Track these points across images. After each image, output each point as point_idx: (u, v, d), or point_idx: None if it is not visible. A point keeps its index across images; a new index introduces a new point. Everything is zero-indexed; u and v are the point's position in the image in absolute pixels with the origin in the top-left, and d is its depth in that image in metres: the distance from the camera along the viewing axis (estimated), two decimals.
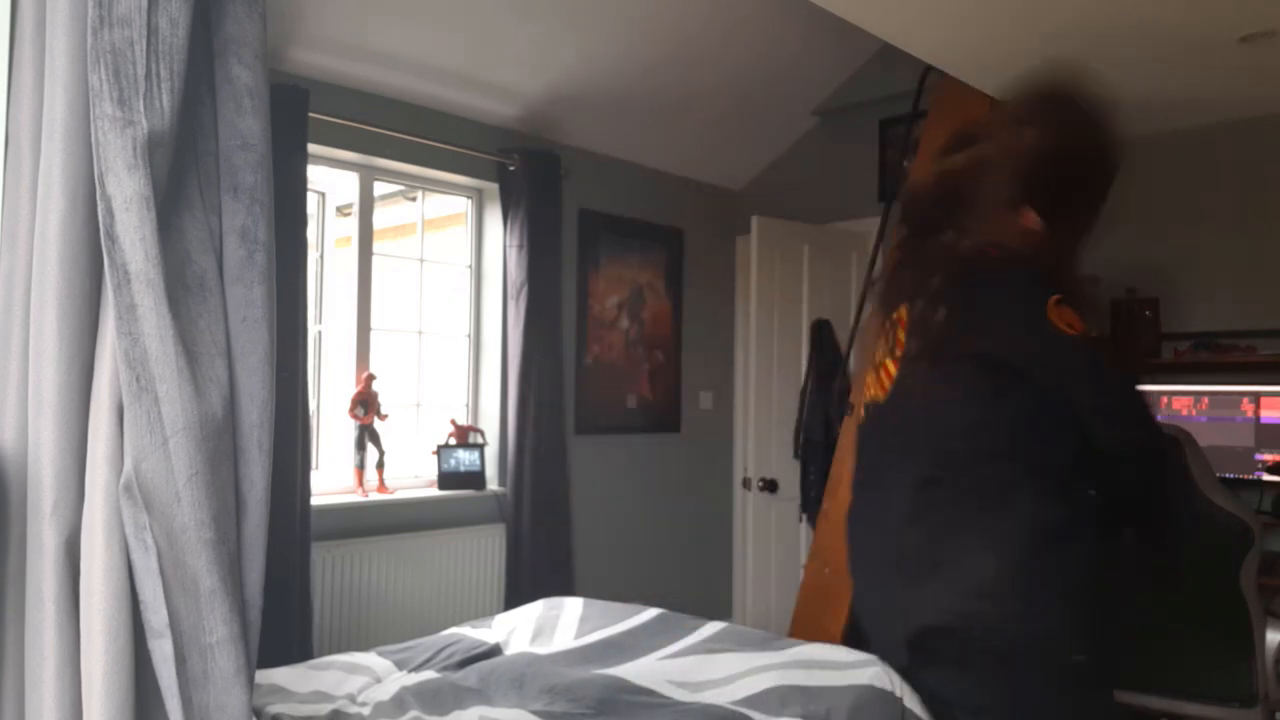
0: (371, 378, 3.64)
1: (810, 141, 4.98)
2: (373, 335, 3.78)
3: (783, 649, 2.66)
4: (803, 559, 4.42)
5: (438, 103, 3.80)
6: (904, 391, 1.78)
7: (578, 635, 2.82)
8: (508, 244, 4.03)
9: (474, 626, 2.95)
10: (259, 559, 1.20)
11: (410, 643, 2.77)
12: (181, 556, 1.11)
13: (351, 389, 3.65)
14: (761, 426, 4.35)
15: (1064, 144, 1.75)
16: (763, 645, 2.70)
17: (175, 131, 1.13)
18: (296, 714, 2.18)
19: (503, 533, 3.95)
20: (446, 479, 3.88)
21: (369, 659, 2.61)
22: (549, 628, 2.89)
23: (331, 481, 3.64)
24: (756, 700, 2.27)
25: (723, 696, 2.33)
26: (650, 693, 2.34)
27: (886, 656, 2.01)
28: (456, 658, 2.65)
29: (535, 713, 2.20)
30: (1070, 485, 1.64)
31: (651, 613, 2.94)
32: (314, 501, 3.35)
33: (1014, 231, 1.74)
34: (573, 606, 3.02)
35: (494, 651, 2.72)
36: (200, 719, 1.13)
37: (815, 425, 4.19)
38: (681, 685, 2.43)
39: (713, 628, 2.83)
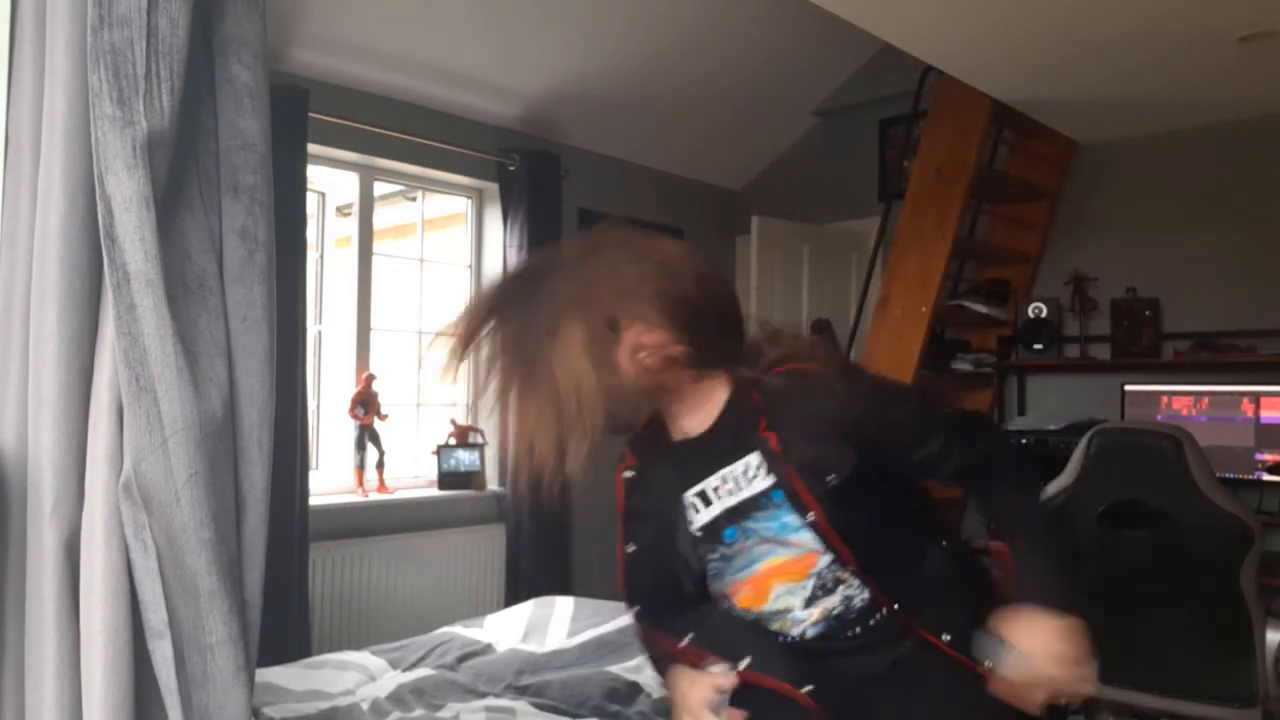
0: (371, 378, 3.64)
1: (810, 141, 4.98)
2: (373, 335, 3.78)
3: None
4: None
5: (438, 103, 3.80)
6: None
7: (570, 634, 2.82)
8: (508, 244, 4.03)
9: (466, 626, 2.96)
10: (259, 559, 1.20)
11: (403, 642, 2.77)
12: (181, 556, 1.11)
13: (351, 389, 3.65)
14: None
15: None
16: None
17: (175, 131, 1.13)
18: (294, 713, 2.18)
19: (503, 533, 3.94)
20: (446, 479, 3.87)
21: (363, 658, 2.62)
22: (540, 627, 2.89)
23: (331, 481, 3.64)
24: None
25: None
26: (645, 693, 2.35)
27: None
28: (450, 656, 2.65)
29: (538, 706, 2.21)
30: None
31: None
32: (314, 502, 3.34)
33: None
34: (563, 606, 3.02)
35: (487, 650, 2.73)
36: (200, 719, 1.13)
37: None
38: None
39: None
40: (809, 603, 1.39)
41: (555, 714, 2.19)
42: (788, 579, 1.40)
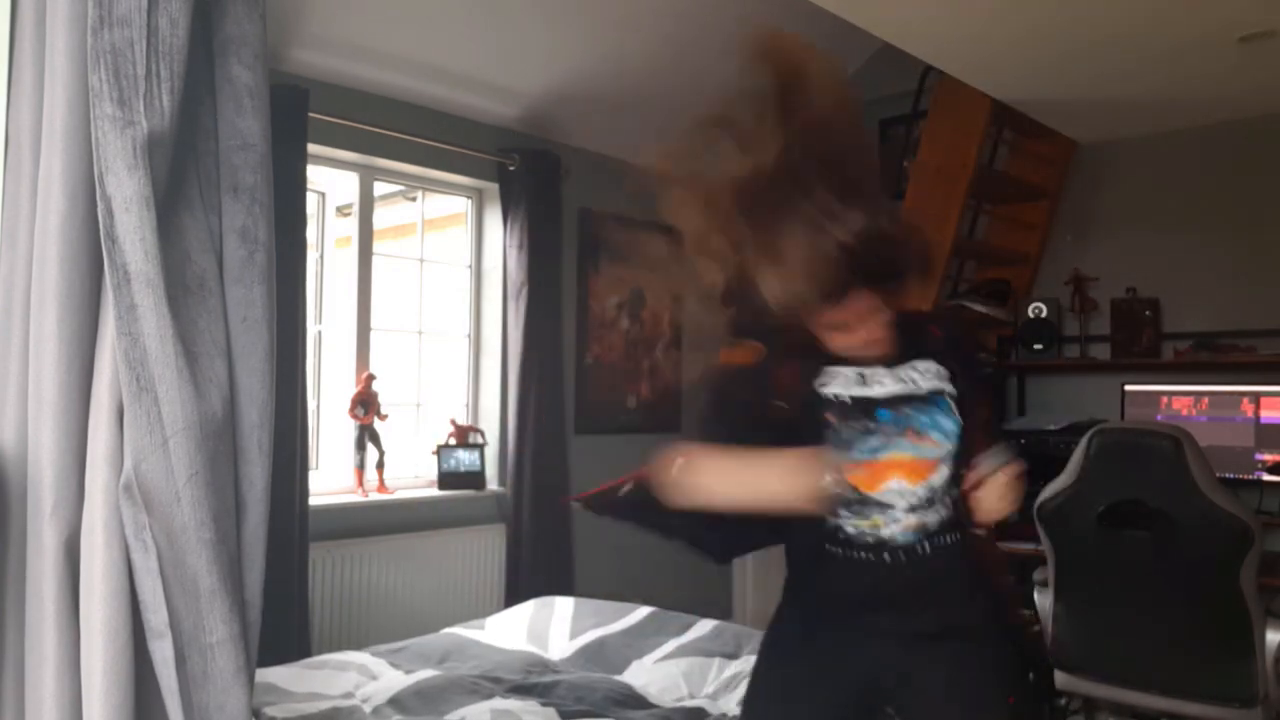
0: (371, 378, 3.64)
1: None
2: (373, 335, 3.78)
3: None
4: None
5: (438, 103, 3.80)
6: None
7: (572, 636, 2.82)
8: (508, 244, 4.03)
9: (467, 627, 2.95)
10: (259, 559, 1.20)
11: (403, 643, 2.77)
12: (181, 556, 1.11)
13: (351, 389, 3.65)
14: None
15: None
16: (754, 646, 2.70)
17: (175, 131, 1.13)
18: (295, 713, 2.18)
19: (503, 533, 3.94)
20: (446, 479, 3.87)
21: (363, 658, 2.61)
22: (542, 628, 2.89)
23: (331, 481, 3.63)
24: None
25: (729, 703, 2.34)
26: (649, 704, 2.35)
27: None
28: (451, 657, 2.65)
29: (540, 708, 2.21)
30: None
31: (643, 611, 2.94)
32: (314, 502, 3.34)
33: None
34: (563, 606, 3.02)
35: (488, 652, 2.73)
36: (200, 719, 1.13)
37: None
38: (681, 690, 2.45)
39: (705, 626, 2.83)
40: (911, 509, 1.49)
41: (558, 716, 2.19)
42: (905, 477, 1.50)
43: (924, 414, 1.51)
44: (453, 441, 3.95)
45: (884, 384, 1.52)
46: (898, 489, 1.49)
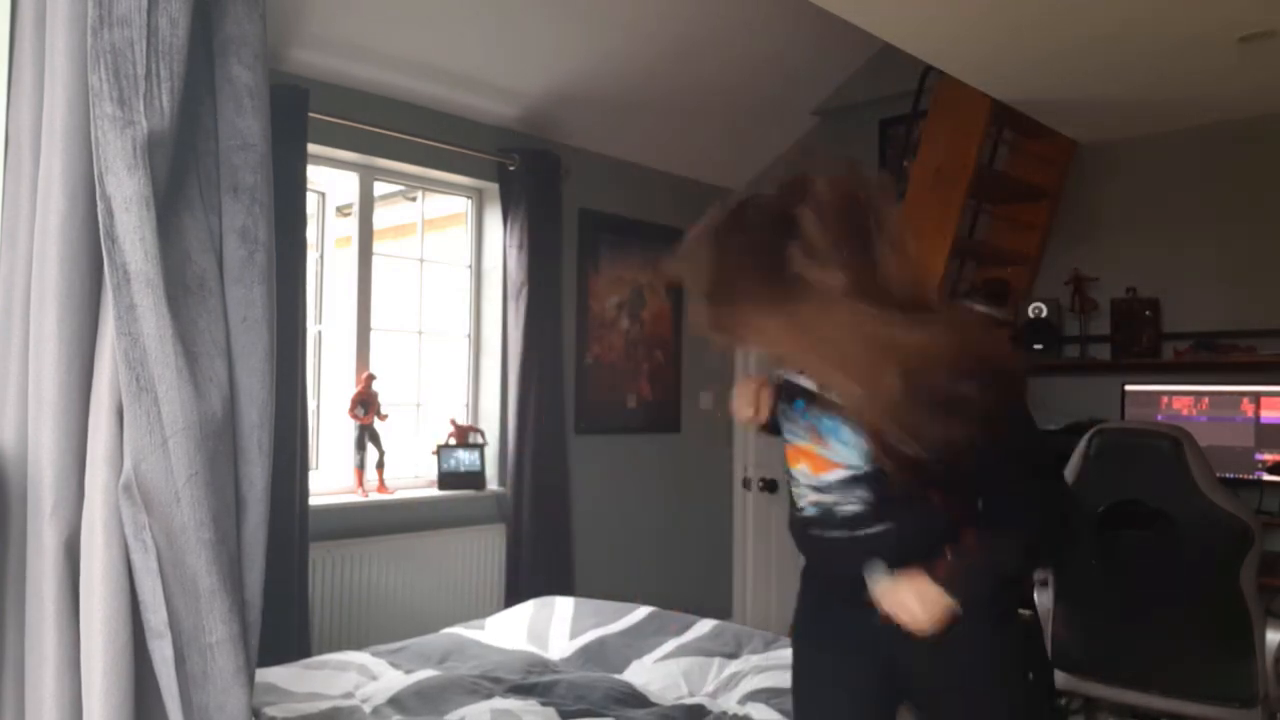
0: (371, 378, 3.64)
1: (810, 141, 4.97)
2: (373, 335, 3.78)
3: (770, 649, 2.67)
4: (803, 559, 4.41)
5: (438, 103, 3.80)
6: None
7: (572, 635, 2.82)
8: (508, 244, 4.03)
9: (467, 627, 2.96)
10: (259, 559, 1.20)
11: (403, 643, 2.77)
12: (181, 556, 1.11)
13: (351, 389, 3.65)
14: None
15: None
16: (754, 645, 2.70)
17: (175, 131, 1.13)
18: (295, 713, 2.18)
19: (503, 533, 3.94)
20: (446, 479, 3.87)
21: (363, 658, 2.61)
22: (542, 628, 2.89)
23: (331, 481, 3.63)
24: (758, 696, 2.29)
25: (729, 701, 2.34)
26: (650, 702, 2.35)
27: None
28: (452, 658, 2.65)
29: (541, 707, 2.21)
30: None
31: (643, 611, 2.95)
32: (314, 502, 3.34)
33: None
34: (563, 606, 3.02)
35: (488, 652, 2.73)
36: (200, 719, 1.13)
37: None
38: (680, 689, 2.44)
39: (705, 626, 2.84)
40: (815, 490, 1.58)
41: (558, 716, 2.19)
42: (809, 466, 1.59)
43: (829, 418, 1.54)
44: (453, 441, 3.95)
45: (809, 380, 1.59)
46: (801, 472, 1.60)
